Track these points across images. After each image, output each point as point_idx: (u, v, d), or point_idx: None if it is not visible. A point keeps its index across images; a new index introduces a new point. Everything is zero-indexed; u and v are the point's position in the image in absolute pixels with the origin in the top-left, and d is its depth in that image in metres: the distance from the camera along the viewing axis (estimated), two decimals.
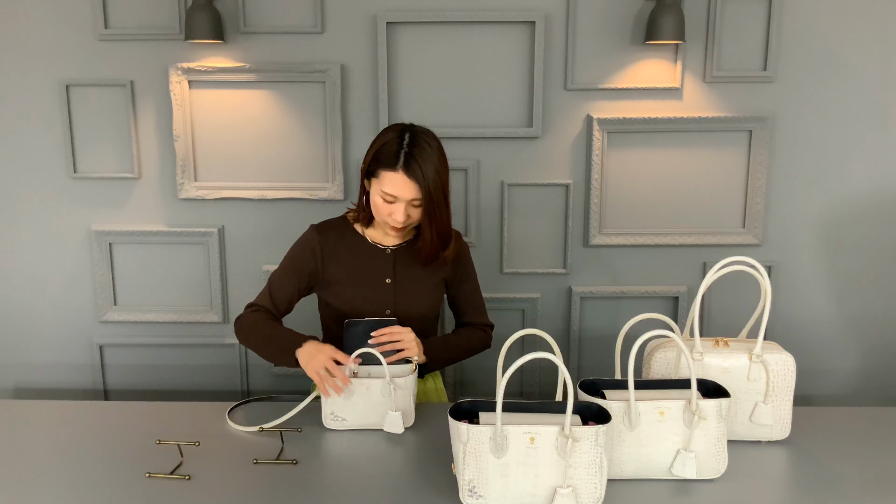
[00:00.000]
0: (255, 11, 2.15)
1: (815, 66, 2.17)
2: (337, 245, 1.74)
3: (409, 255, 1.75)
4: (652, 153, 2.23)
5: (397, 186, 1.58)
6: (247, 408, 1.68)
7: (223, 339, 2.35)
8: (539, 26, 2.12)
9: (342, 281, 1.72)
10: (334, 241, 1.74)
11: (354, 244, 1.74)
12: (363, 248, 1.74)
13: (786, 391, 1.47)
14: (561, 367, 1.24)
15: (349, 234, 1.75)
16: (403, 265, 1.74)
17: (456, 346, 1.79)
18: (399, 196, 1.59)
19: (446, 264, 1.77)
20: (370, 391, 1.53)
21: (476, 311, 1.85)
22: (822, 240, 2.28)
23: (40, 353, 2.37)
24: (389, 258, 1.74)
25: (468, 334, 1.82)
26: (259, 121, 2.21)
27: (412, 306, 1.74)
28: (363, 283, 1.72)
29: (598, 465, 1.22)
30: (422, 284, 1.75)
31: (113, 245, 2.29)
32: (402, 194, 1.59)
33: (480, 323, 1.85)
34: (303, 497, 1.30)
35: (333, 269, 1.73)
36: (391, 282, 1.73)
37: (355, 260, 1.73)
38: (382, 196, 1.61)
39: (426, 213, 1.62)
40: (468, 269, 1.83)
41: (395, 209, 1.61)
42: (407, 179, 1.57)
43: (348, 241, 1.74)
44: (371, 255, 1.74)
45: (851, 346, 2.35)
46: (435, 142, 1.63)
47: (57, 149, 2.23)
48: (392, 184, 1.58)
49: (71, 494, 1.31)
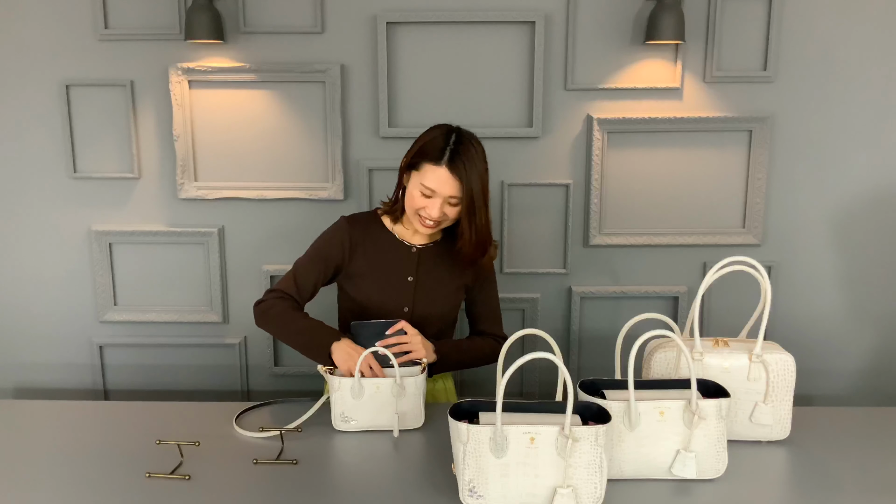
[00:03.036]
0: (255, 11, 2.15)
1: (815, 66, 2.17)
2: (365, 238, 1.74)
3: (434, 255, 1.75)
4: (652, 153, 2.23)
5: (439, 181, 1.60)
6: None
7: (223, 339, 2.35)
8: (539, 26, 2.12)
9: (365, 274, 1.73)
10: (363, 233, 1.74)
11: (381, 239, 1.75)
12: (390, 243, 1.75)
13: (786, 391, 1.47)
14: (561, 367, 1.24)
15: (377, 229, 1.76)
16: (427, 265, 1.75)
17: (467, 351, 1.78)
18: (438, 191, 1.60)
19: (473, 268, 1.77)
20: (380, 391, 1.53)
21: (493, 320, 1.84)
22: (821, 239, 2.28)
23: (40, 353, 2.37)
24: (414, 256, 1.74)
25: (480, 342, 1.81)
26: (259, 121, 2.21)
27: (431, 307, 1.74)
28: (385, 279, 1.72)
29: (598, 465, 1.22)
30: (442, 286, 1.75)
31: (113, 245, 2.29)
32: (442, 190, 1.60)
33: (494, 333, 1.83)
34: (303, 497, 1.30)
35: (359, 261, 1.73)
36: (413, 280, 1.73)
37: (380, 255, 1.74)
38: (421, 190, 1.62)
39: (466, 212, 1.63)
40: (490, 278, 1.83)
41: (430, 204, 1.62)
42: (450, 175, 1.59)
43: (376, 235, 1.75)
44: (396, 252, 1.74)
45: (852, 346, 2.35)
46: (480, 146, 1.66)
47: (57, 149, 2.23)
48: (434, 178, 1.60)
49: (71, 494, 1.31)
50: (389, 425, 1.54)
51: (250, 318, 2.36)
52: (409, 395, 1.54)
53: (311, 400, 1.66)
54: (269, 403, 1.70)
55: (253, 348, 2.35)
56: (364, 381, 1.52)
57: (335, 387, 1.53)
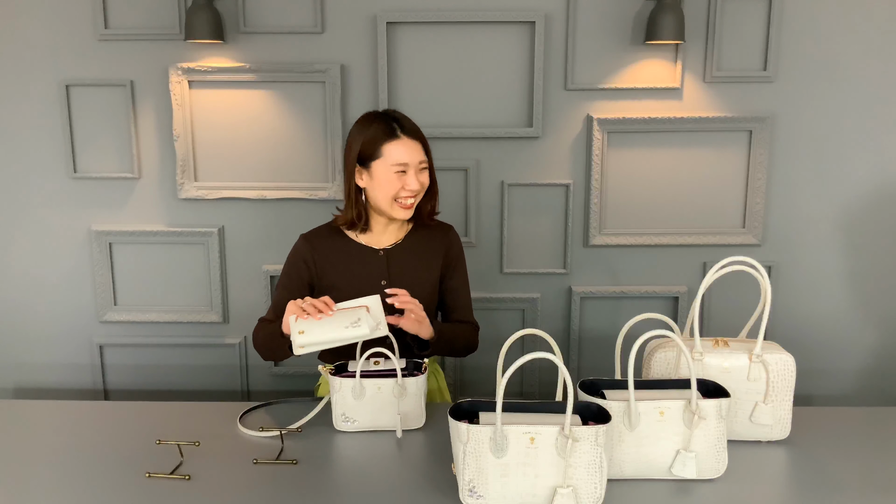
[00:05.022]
0: (255, 11, 2.15)
1: (815, 66, 2.17)
2: (329, 251, 1.74)
3: (402, 253, 1.75)
4: (652, 153, 2.23)
5: (407, 151, 1.64)
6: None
7: (223, 339, 2.35)
8: (539, 26, 2.12)
9: (338, 286, 1.72)
10: (325, 247, 1.74)
11: (346, 248, 1.74)
12: (355, 251, 1.74)
13: (786, 391, 1.47)
14: (561, 367, 1.24)
15: (339, 239, 1.75)
16: (398, 265, 1.74)
17: (457, 334, 1.76)
18: (409, 161, 1.64)
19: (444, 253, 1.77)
20: (381, 391, 1.53)
21: (465, 309, 1.83)
22: (821, 240, 2.28)
23: (40, 353, 2.37)
24: (383, 259, 1.74)
25: (465, 328, 1.80)
26: (259, 121, 2.21)
27: None
28: (359, 287, 1.71)
29: (598, 465, 1.22)
30: (417, 283, 1.74)
31: (113, 245, 2.29)
32: (413, 158, 1.64)
33: (468, 321, 1.83)
34: (302, 497, 1.30)
35: (329, 275, 1.73)
36: (386, 283, 1.72)
37: (349, 265, 1.73)
38: (395, 169, 1.63)
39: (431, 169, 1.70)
40: (460, 263, 1.82)
41: (408, 178, 1.64)
42: (411, 141, 1.65)
43: (339, 245, 1.74)
44: (364, 258, 1.74)
45: (852, 346, 2.35)
46: None
47: (57, 149, 2.23)
48: (401, 151, 1.64)
49: (71, 494, 1.31)
50: (390, 425, 1.54)
51: (250, 318, 2.37)
52: (410, 395, 1.54)
53: (312, 400, 1.66)
54: (270, 404, 1.70)
55: (253, 348, 2.34)
56: (365, 381, 1.52)
57: (336, 387, 1.53)
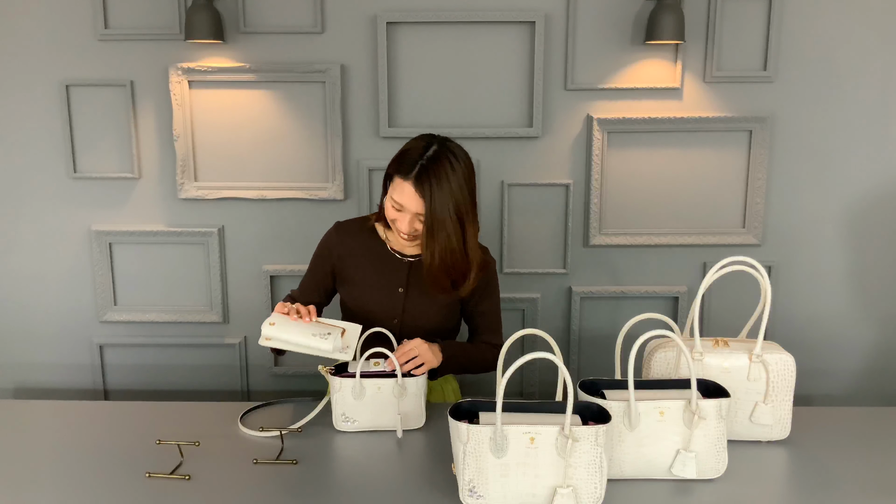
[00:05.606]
0: (255, 11, 2.15)
1: (815, 66, 2.17)
2: (355, 246, 1.72)
3: None
4: (652, 153, 2.23)
5: (404, 196, 1.54)
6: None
7: (223, 339, 2.35)
8: (539, 26, 2.12)
9: (356, 282, 1.72)
10: (352, 241, 1.72)
11: (373, 248, 1.72)
12: (381, 253, 1.72)
13: (786, 391, 1.47)
14: (561, 367, 1.24)
15: (369, 237, 1.72)
16: (418, 277, 1.68)
17: (471, 356, 1.73)
18: (405, 206, 1.55)
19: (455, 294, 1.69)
20: (381, 391, 1.53)
21: (492, 332, 1.77)
22: (821, 239, 2.28)
23: (40, 353, 2.36)
24: (405, 267, 1.70)
25: (483, 349, 1.76)
26: (259, 121, 2.21)
27: (421, 319, 1.70)
28: (376, 289, 1.70)
29: (598, 465, 1.22)
30: (434, 303, 1.69)
31: (113, 245, 2.29)
32: (409, 205, 1.55)
33: (492, 343, 1.76)
34: (302, 497, 1.30)
35: (350, 268, 1.72)
36: (403, 291, 1.70)
37: (371, 264, 1.71)
38: (392, 203, 1.58)
39: (427, 233, 1.55)
40: (490, 287, 1.74)
41: (400, 218, 1.58)
42: (414, 192, 1.53)
43: (368, 243, 1.72)
44: (388, 262, 1.71)
45: (852, 346, 2.35)
46: (461, 163, 1.56)
47: (57, 149, 2.23)
48: (400, 192, 1.55)
49: (71, 494, 1.31)
50: (390, 425, 1.54)
51: (250, 318, 2.37)
52: (411, 395, 1.54)
53: (313, 400, 1.66)
54: (271, 404, 1.70)
55: (253, 348, 2.35)
56: (365, 381, 1.52)
57: (336, 387, 1.53)
